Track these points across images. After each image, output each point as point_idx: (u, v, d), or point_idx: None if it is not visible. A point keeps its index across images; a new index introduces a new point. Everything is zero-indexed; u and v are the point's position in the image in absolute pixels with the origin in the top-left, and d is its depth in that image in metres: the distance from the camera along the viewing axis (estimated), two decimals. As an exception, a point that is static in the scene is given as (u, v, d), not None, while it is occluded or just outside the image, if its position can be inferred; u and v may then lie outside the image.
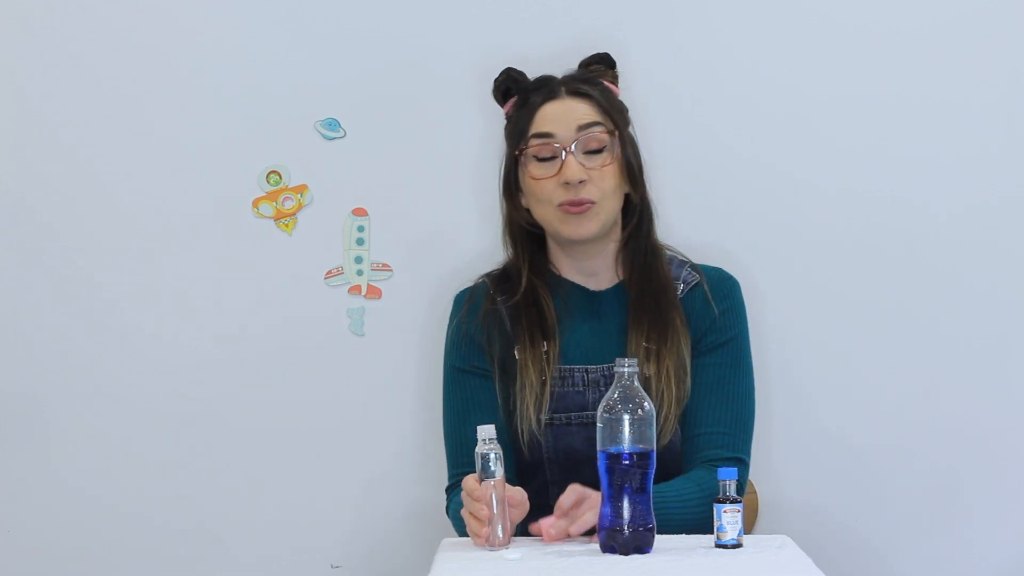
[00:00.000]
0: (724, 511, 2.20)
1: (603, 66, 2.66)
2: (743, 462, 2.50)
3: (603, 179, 2.52)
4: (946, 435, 3.06)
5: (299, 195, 3.06)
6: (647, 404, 2.17)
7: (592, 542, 2.22)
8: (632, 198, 2.59)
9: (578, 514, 2.24)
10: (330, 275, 3.07)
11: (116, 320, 3.07)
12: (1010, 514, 3.06)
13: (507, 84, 2.64)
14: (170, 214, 3.07)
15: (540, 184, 2.53)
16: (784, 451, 3.05)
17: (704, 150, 3.00)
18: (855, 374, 3.05)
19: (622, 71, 2.72)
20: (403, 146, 3.05)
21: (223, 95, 3.05)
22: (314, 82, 3.05)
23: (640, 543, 2.16)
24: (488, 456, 2.24)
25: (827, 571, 2.08)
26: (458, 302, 2.67)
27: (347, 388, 3.07)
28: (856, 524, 3.06)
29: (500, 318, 2.59)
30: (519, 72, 2.65)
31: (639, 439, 2.16)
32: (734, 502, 2.20)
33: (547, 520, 2.25)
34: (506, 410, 2.54)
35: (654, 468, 2.18)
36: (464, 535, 2.35)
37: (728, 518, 2.20)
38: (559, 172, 2.51)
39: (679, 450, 2.52)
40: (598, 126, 2.53)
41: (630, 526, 2.16)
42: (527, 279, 2.59)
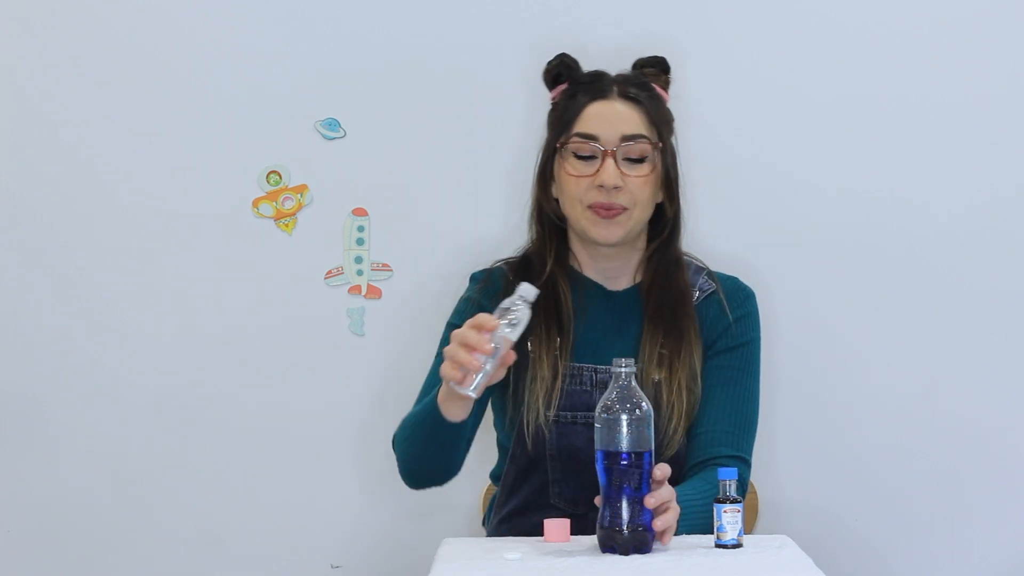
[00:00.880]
0: (724, 511, 2.20)
1: (657, 70, 2.60)
2: (745, 461, 2.50)
3: (639, 188, 2.49)
4: (946, 435, 3.06)
5: (299, 195, 3.06)
6: (645, 404, 2.17)
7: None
8: (666, 210, 2.56)
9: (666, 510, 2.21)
10: (330, 275, 3.07)
11: (116, 320, 3.07)
12: (1010, 514, 3.06)
13: (559, 70, 2.59)
14: (170, 214, 3.07)
15: (575, 181, 2.51)
16: (784, 451, 3.05)
17: (704, 151, 3.00)
18: (855, 374, 3.06)
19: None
20: (403, 146, 3.06)
21: (223, 95, 3.06)
22: (314, 82, 3.05)
23: (639, 543, 2.16)
24: (517, 310, 2.18)
25: (827, 571, 2.08)
26: (474, 279, 2.64)
27: (347, 388, 3.07)
28: (856, 524, 3.06)
29: None
30: (573, 60, 2.59)
31: (637, 439, 2.16)
32: (734, 502, 2.20)
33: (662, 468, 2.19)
34: (513, 401, 2.53)
35: (651, 468, 2.18)
36: (407, 457, 2.41)
37: (728, 518, 2.20)
38: (596, 174, 2.49)
39: (684, 461, 2.52)
40: (642, 138, 2.50)
41: (629, 526, 2.16)
42: (551, 268, 2.57)
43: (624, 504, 2.16)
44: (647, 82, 2.57)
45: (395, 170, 3.06)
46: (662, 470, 2.20)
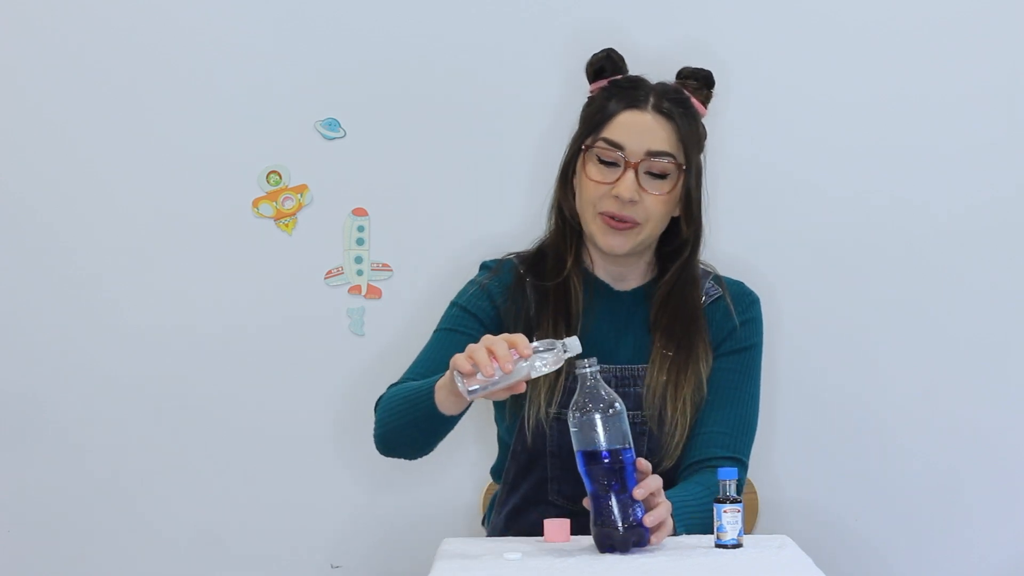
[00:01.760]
0: (724, 511, 2.20)
1: (700, 83, 2.58)
2: (742, 463, 2.50)
3: (654, 205, 2.49)
4: (946, 435, 3.06)
5: (299, 195, 3.06)
6: (618, 403, 2.17)
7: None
8: (682, 227, 2.55)
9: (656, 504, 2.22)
10: (330, 275, 3.07)
11: (116, 320, 3.07)
12: (1010, 514, 3.06)
13: (603, 64, 2.57)
14: (170, 214, 3.07)
15: (594, 186, 2.49)
16: (784, 451, 3.05)
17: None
18: (855, 374, 3.05)
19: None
20: (403, 146, 3.05)
21: (223, 95, 3.06)
22: (314, 82, 3.05)
23: (636, 538, 2.16)
24: (553, 354, 2.16)
25: (827, 571, 2.08)
26: (484, 267, 2.64)
27: (347, 388, 3.07)
28: (856, 524, 3.06)
29: (525, 298, 2.56)
30: (620, 57, 2.58)
31: (615, 435, 2.15)
32: (734, 502, 2.20)
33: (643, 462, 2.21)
34: (515, 396, 2.52)
35: (634, 462, 2.18)
36: (386, 427, 2.42)
37: (728, 518, 2.20)
38: (615, 183, 2.48)
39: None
40: (668, 156, 2.49)
41: (624, 523, 2.16)
42: (570, 265, 2.56)
43: (614, 502, 2.16)
44: (685, 97, 2.54)
45: (395, 170, 3.06)
46: (645, 464, 2.21)
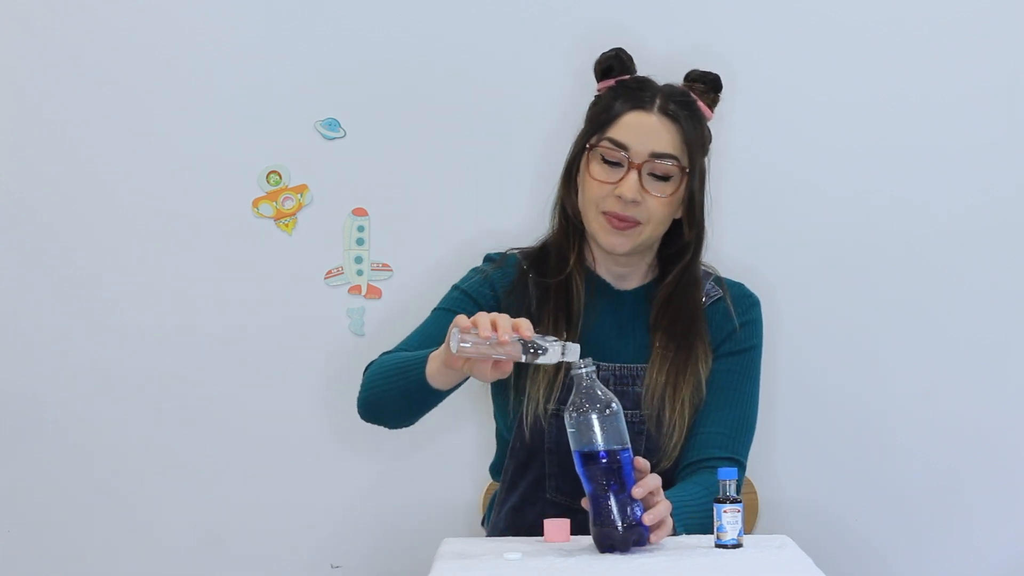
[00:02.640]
0: (724, 511, 2.20)
1: (707, 87, 2.58)
2: (740, 464, 2.50)
3: (656, 207, 2.49)
4: (946, 435, 3.06)
5: (299, 195, 3.06)
6: (614, 404, 2.17)
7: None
8: (684, 230, 2.55)
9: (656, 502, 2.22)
10: (330, 275, 3.07)
11: (116, 320, 3.07)
12: (1010, 514, 3.06)
13: (612, 63, 2.56)
14: (170, 214, 3.07)
15: (598, 186, 2.50)
16: (784, 451, 3.05)
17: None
18: (855, 374, 3.06)
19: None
20: (403, 146, 3.05)
21: (223, 95, 3.06)
22: (314, 82, 3.05)
23: (636, 537, 2.16)
24: (551, 348, 2.16)
25: (827, 571, 2.08)
26: (488, 259, 2.64)
27: (347, 388, 3.06)
28: (856, 524, 3.06)
29: (526, 293, 2.57)
30: (628, 57, 2.57)
31: (613, 435, 2.16)
32: (734, 502, 2.20)
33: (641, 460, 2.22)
34: (515, 391, 2.53)
35: (632, 461, 2.19)
36: (373, 393, 2.44)
37: (728, 518, 2.20)
38: (618, 183, 2.48)
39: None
40: (672, 159, 2.48)
41: (623, 522, 2.16)
42: (572, 263, 2.56)
43: (613, 502, 2.16)
44: (692, 100, 2.54)
45: (395, 170, 3.06)
46: (643, 462, 2.21)
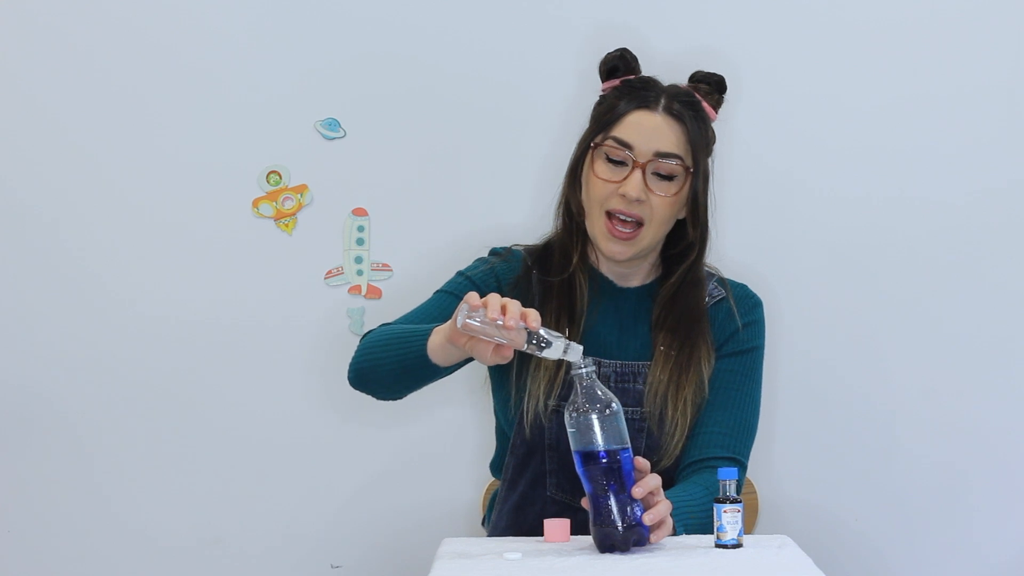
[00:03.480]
0: (724, 511, 2.20)
1: (712, 88, 2.58)
2: (741, 464, 2.50)
3: (660, 206, 2.49)
4: (948, 434, 3.06)
5: (299, 195, 3.06)
6: (614, 404, 2.17)
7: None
8: (688, 230, 2.55)
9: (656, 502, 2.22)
10: (330, 275, 3.07)
11: (116, 320, 3.07)
12: (1012, 514, 3.06)
13: (617, 63, 2.57)
14: (171, 214, 3.07)
15: (602, 185, 2.50)
16: (784, 451, 3.05)
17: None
18: (856, 374, 3.06)
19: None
20: (403, 146, 3.06)
21: (223, 95, 3.06)
22: (314, 82, 3.05)
23: (637, 537, 2.16)
24: (554, 344, 2.16)
25: (827, 571, 2.08)
26: (494, 252, 2.64)
27: (347, 388, 3.06)
28: (856, 524, 3.06)
29: (530, 289, 2.57)
30: (633, 57, 2.58)
31: (613, 435, 2.16)
32: (734, 502, 2.20)
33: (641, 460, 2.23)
34: (516, 387, 2.53)
35: (632, 461, 2.19)
36: (367, 360, 2.44)
37: (728, 518, 2.20)
38: (622, 182, 2.49)
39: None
40: (676, 159, 2.49)
41: (623, 522, 2.16)
42: (575, 261, 2.57)
43: (613, 502, 2.16)
44: (696, 100, 2.54)
45: (395, 170, 3.06)
46: (643, 462, 2.22)
